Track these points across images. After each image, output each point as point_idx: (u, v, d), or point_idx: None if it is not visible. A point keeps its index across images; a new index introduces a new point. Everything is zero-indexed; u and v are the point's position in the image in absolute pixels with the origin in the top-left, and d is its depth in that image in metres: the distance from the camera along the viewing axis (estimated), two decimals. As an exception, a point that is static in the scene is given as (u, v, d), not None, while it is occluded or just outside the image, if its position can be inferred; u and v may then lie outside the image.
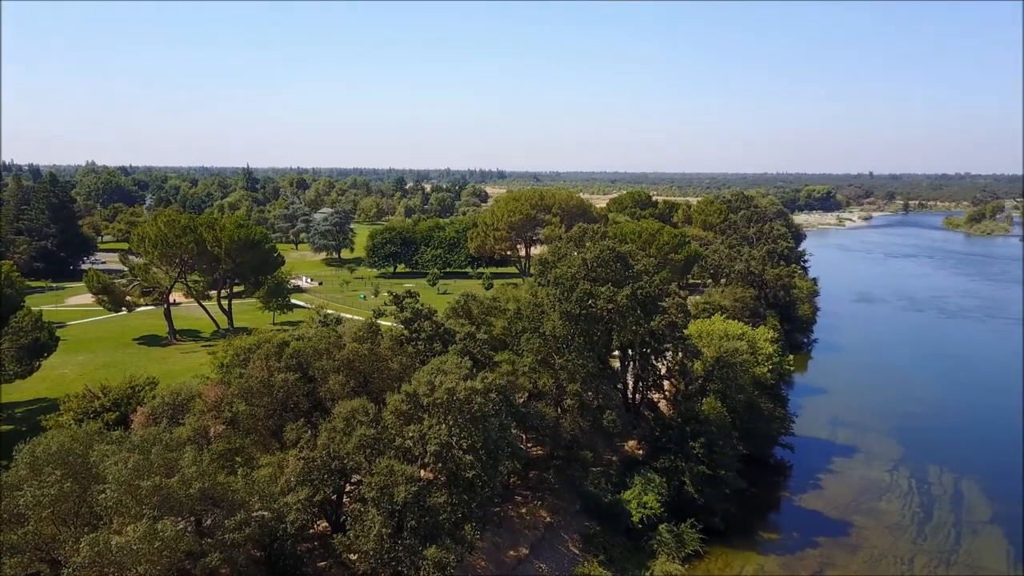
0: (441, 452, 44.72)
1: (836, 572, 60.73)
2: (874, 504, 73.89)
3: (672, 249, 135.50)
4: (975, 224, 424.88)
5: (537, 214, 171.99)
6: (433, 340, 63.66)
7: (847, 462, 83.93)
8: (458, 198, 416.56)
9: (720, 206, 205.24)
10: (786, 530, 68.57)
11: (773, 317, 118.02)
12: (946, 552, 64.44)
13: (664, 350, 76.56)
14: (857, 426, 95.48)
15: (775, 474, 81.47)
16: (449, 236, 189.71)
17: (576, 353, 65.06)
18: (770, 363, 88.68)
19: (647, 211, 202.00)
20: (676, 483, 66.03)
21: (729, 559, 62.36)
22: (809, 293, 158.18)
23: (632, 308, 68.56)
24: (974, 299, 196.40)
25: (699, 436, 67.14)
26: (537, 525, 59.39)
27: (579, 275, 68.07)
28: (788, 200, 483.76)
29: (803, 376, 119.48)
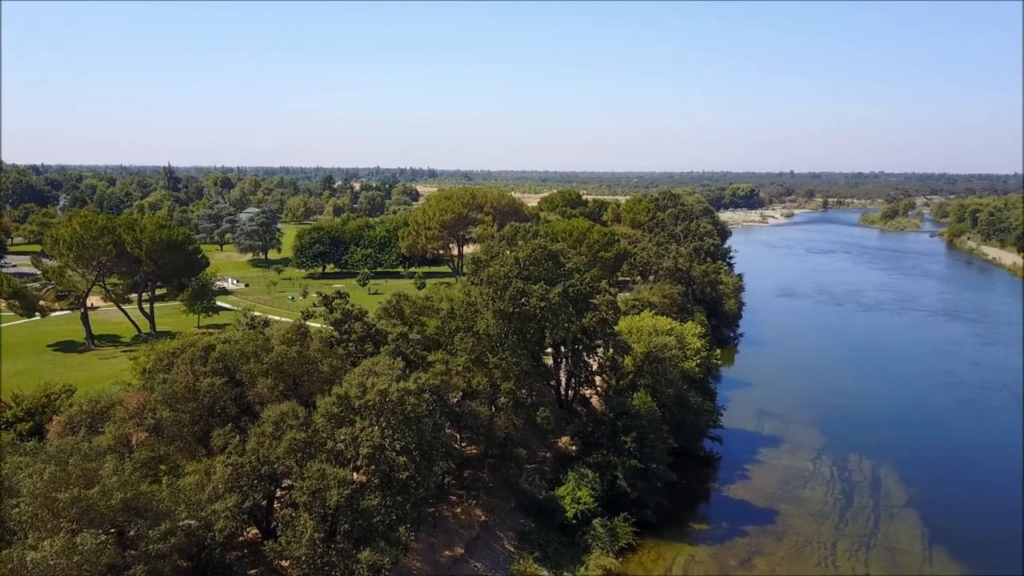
0: (374, 454, 44.19)
1: (763, 559, 62.50)
2: (799, 492, 76.34)
3: (602, 247, 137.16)
4: (889, 221, 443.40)
5: (469, 213, 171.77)
6: (364, 341, 62.90)
7: (773, 452, 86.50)
8: (389, 197, 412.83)
9: (648, 204, 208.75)
10: (716, 520, 70.24)
11: (700, 313, 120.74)
12: (866, 536, 67.06)
13: (596, 346, 77.44)
14: (782, 417, 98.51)
15: (704, 466, 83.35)
16: (380, 235, 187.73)
17: (510, 351, 65.21)
18: (698, 357, 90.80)
19: (578, 210, 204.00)
20: (609, 478, 66.90)
21: (661, 551, 63.52)
22: (735, 289, 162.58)
23: (564, 306, 69.11)
24: (889, 293, 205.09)
25: (631, 431, 68.17)
26: (472, 524, 59.32)
27: (512, 274, 68.22)
28: (714, 198, 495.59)
29: (730, 369, 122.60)
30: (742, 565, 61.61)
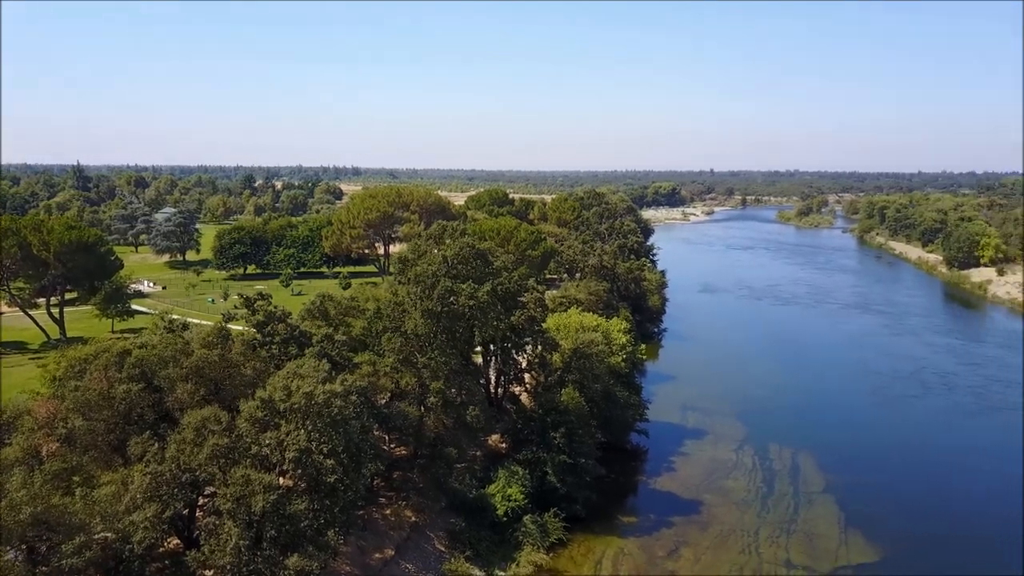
0: (301, 458, 43.31)
1: (690, 549, 63.95)
2: (722, 482, 78.41)
3: (529, 246, 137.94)
4: (804, 217, 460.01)
5: (395, 211, 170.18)
6: (288, 343, 61.62)
7: (697, 444, 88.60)
8: (311, 196, 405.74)
9: (573, 203, 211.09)
10: (644, 513, 71.51)
11: (625, 309, 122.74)
12: (786, 522, 69.39)
13: (524, 344, 77.82)
14: (705, 409, 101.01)
15: (632, 459, 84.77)
16: (303, 235, 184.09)
17: (438, 351, 64.87)
18: (624, 353, 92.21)
19: (504, 208, 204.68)
20: (539, 474, 67.33)
21: (591, 545, 64.28)
22: (658, 285, 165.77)
23: (493, 304, 69.20)
24: (805, 287, 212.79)
25: (560, 426, 68.75)
26: (403, 525, 58.85)
27: (440, 272, 67.87)
28: (637, 197, 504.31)
29: (655, 364, 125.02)
30: (669, 556, 62.91)
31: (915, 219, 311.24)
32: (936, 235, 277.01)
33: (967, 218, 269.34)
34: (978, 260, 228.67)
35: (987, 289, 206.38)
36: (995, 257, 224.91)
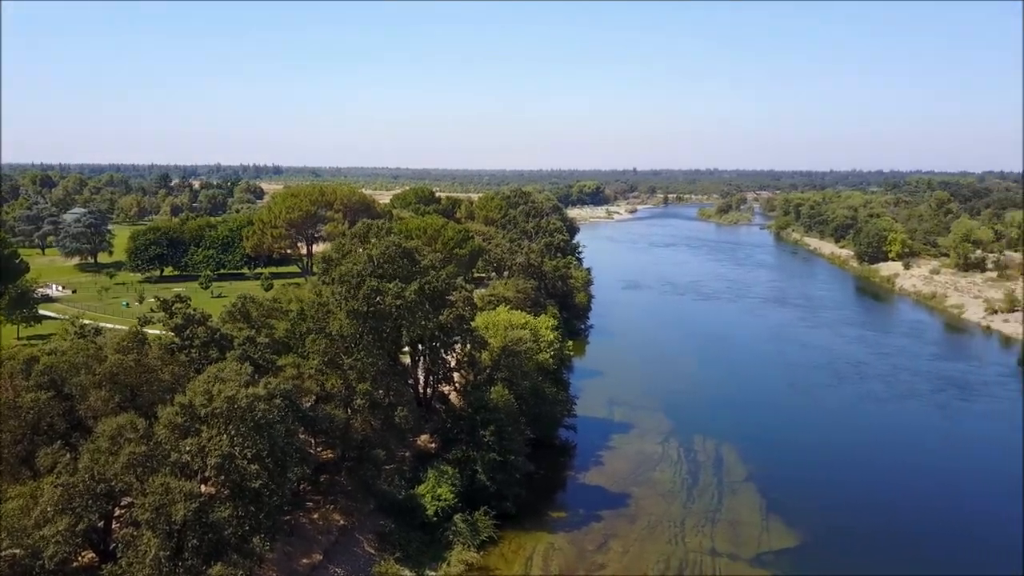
0: (223, 464, 42.13)
1: (619, 541, 64.93)
2: (649, 474, 79.88)
3: (457, 244, 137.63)
4: (724, 215, 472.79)
5: (318, 210, 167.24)
6: (209, 347, 59.88)
7: (624, 437, 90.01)
8: (231, 195, 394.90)
9: (500, 202, 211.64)
10: (573, 507, 72.24)
11: (553, 306, 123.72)
12: (711, 511, 71.17)
13: (453, 343, 77.58)
14: (631, 403, 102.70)
15: (561, 455, 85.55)
16: (222, 235, 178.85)
17: (365, 352, 64.02)
18: (552, 349, 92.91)
19: (431, 207, 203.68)
20: (469, 472, 67.20)
21: (522, 541, 64.56)
22: (584, 282, 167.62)
23: (420, 303, 68.71)
24: (725, 282, 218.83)
25: (489, 424, 68.75)
26: (331, 530, 57.89)
27: (365, 272, 66.99)
28: (562, 195, 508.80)
29: (582, 360, 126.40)
30: (599, 549, 63.72)
31: (828, 216, 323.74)
32: (847, 231, 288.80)
33: (875, 215, 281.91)
34: (886, 255, 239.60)
35: (894, 282, 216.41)
36: (901, 252, 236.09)
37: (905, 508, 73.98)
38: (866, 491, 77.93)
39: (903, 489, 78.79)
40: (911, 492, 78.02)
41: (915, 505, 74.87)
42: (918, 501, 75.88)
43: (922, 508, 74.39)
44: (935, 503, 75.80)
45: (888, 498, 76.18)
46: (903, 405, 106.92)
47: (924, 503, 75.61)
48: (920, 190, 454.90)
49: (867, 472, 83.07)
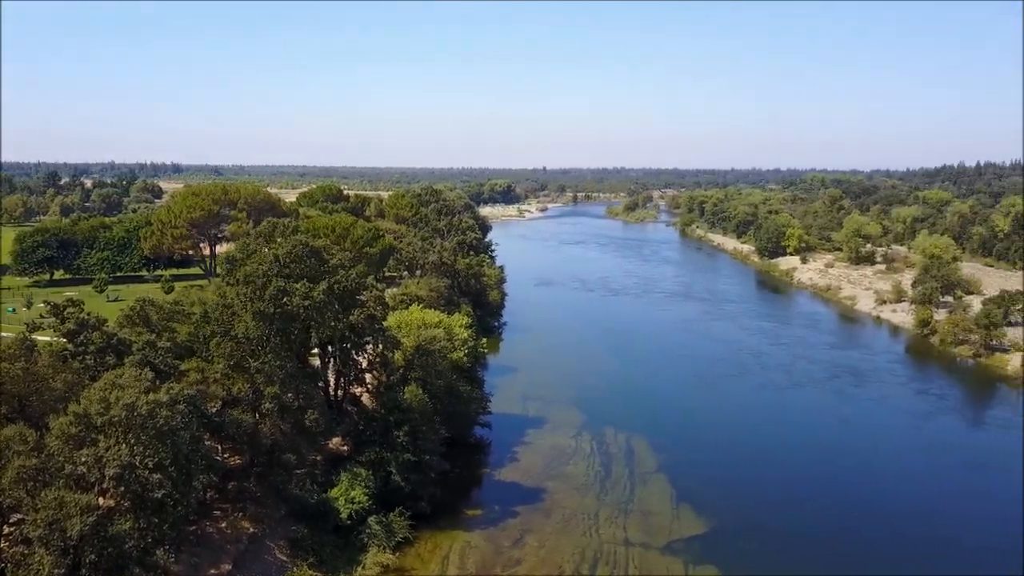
0: (123, 474, 40.25)
1: (534, 536, 65.45)
2: (563, 468, 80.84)
3: (367, 243, 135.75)
4: (631, 213, 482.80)
5: (221, 210, 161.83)
6: (105, 353, 57.15)
7: (538, 433, 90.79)
8: (127, 194, 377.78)
9: (411, 200, 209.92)
10: (489, 504, 72.38)
11: (466, 304, 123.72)
12: (624, 502, 72.61)
13: (365, 343, 76.43)
14: (545, 399, 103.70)
15: (476, 452, 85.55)
16: (118, 236, 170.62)
17: (273, 354, 62.35)
18: (466, 347, 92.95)
19: (339, 205, 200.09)
20: (383, 474, 66.40)
21: (438, 541, 64.26)
22: (497, 280, 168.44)
23: (330, 303, 67.42)
24: (633, 278, 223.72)
25: (403, 425, 68.11)
26: (240, 538, 56.11)
27: (271, 272, 65.25)
28: (473, 193, 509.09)
29: (496, 357, 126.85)
30: (515, 545, 64.06)
31: (730, 213, 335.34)
32: (748, 227, 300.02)
33: (774, 211, 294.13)
34: (785, 249, 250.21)
35: (793, 276, 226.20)
36: (798, 247, 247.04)
37: (805, 488, 77.80)
38: (769, 475, 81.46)
39: (802, 471, 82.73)
40: (810, 474, 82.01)
41: (814, 485, 78.77)
42: (816, 481, 79.81)
43: (820, 487, 78.17)
44: (831, 482, 79.72)
45: (789, 480, 79.95)
46: (802, 392, 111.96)
47: (822, 483, 79.48)
48: (815, 188, 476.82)
49: (769, 457, 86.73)
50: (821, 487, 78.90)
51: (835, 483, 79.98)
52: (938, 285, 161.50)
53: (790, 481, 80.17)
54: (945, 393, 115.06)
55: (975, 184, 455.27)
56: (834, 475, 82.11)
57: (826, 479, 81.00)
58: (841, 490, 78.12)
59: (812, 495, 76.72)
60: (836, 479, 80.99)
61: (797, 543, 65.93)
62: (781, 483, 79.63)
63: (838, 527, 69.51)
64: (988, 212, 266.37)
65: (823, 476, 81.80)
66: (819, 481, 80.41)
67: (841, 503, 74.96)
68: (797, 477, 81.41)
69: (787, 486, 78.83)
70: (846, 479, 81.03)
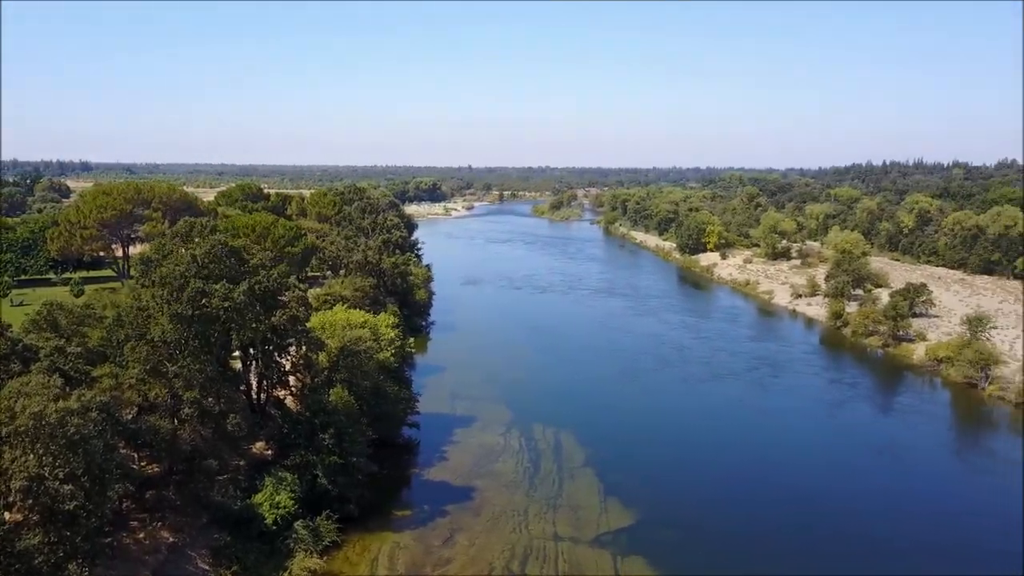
0: (31, 487, 38.37)
1: (464, 535, 65.36)
2: (492, 466, 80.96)
3: (288, 242, 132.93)
4: (556, 211, 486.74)
5: (135, 209, 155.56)
6: (9, 360, 54.34)
7: (467, 431, 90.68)
8: (31, 193, 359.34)
9: (334, 198, 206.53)
10: (418, 505, 71.93)
11: (393, 304, 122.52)
12: (552, 497, 73.23)
13: (288, 345, 74.86)
14: (473, 397, 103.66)
15: (405, 453, 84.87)
16: (22, 237, 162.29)
17: (192, 358, 60.39)
18: (392, 348, 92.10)
19: (259, 204, 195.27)
20: (309, 477, 65.19)
21: (367, 543, 63.51)
22: (424, 279, 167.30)
23: (251, 304, 65.77)
24: (559, 276, 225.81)
25: (328, 427, 67.01)
26: (159, 548, 54.19)
27: (189, 273, 63.18)
28: (398, 192, 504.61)
29: (424, 357, 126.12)
30: (445, 544, 63.84)
31: (652, 211, 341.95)
32: (670, 225, 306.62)
33: (695, 209, 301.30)
34: (705, 246, 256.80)
35: (713, 271, 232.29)
36: (718, 243, 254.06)
37: (726, 478, 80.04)
38: (692, 466, 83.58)
39: (724, 461, 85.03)
40: (731, 464, 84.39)
41: (735, 474, 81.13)
42: (737, 471, 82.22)
43: (741, 476, 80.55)
44: (751, 471, 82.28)
45: (711, 471, 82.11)
46: (722, 384, 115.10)
47: (742, 472, 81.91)
48: (733, 186, 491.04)
49: (692, 448, 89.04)
50: (742, 476, 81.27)
51: (755, 471, 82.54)
52: (849, 279, 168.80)
53: (712, 471, 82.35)
54: (857, 382, 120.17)
55: (882, 182, 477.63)
56: (753, 464, 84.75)
57: (746, 468, 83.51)
58: (761, 478, 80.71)
59: (733, 484, 79.03)
60: (755, 467, 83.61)
61: (719, 531, 67.75)
62: (704, 473, 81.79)
63: (759, 514, 71.82)
64: (894, 209, 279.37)
65: (743, 465, 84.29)
66: (740, 470, 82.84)
67: (761, 490, 77.51)
68: (719, 467, 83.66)
69: (710, 476, 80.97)
70: (765, 467, 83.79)
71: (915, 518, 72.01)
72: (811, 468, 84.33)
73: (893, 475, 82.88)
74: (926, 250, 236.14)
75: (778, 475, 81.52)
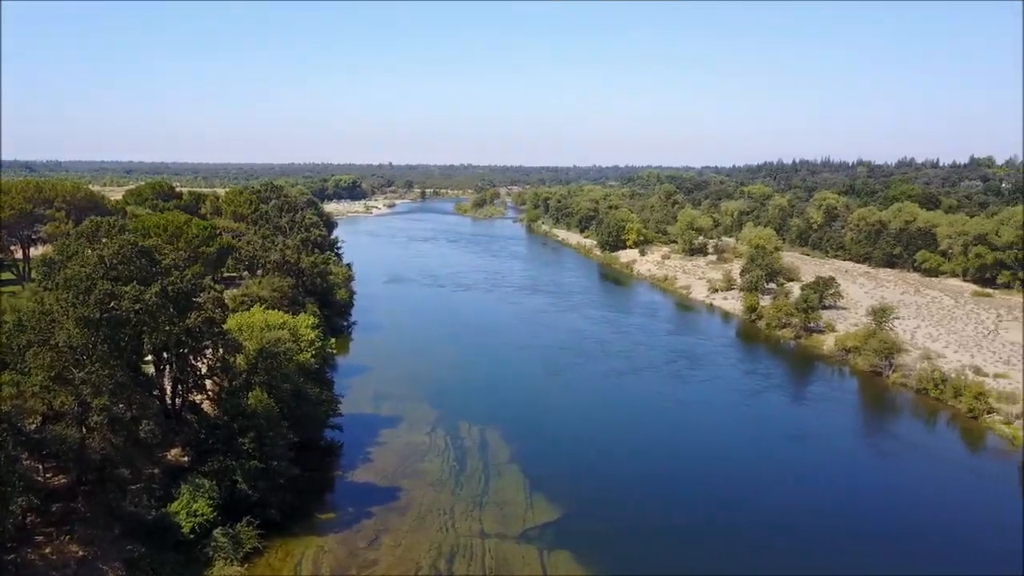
0: (-77, 504, 35.96)
1: (390, 535, 64.73)
2: (418, 465, 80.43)
3: (203, 242, 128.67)
4: (479, 209, 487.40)
5: (35, 208, 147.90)
6: (-102, 368, 50.76)
7: (392, 432, 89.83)
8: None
9: (250, 196, 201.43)
10: (343, 507, 70.82)
11: (312, 304, 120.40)
12: (479, 495, 73.26)
13: (203, 348, 72.55)
14: (398, 396, 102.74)
15: (328, 455, 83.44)
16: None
17: (100, 363, 57.72)
18: (313, 348, 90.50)
19: (171, 203, 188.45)
20: (228, 483, 63.34)
21: (290, 548, 62.18)
22: (345, 278, 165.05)
23: (163, 306, 63.42)
24: (483, 273, 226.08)
25: (248, 431, 65.30)
26: (67, 563, 51.72)
27: (96, 275, 60.49)
28: (317, 190, 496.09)
29: (346, 357, 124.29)
30: (370, 546, 63.09)
31: (573, 208, 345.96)
32: (591, 222, 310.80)
33: (614, 206, 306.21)
34: (625, 243, 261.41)
35: (633, 268, 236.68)
36: (637, 240, 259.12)
37: (648, 468, 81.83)
38: (614, 458, 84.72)
39: (645, 452, 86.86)
40: (652, 455, 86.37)
41: (656, 464, 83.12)
42: (658, 460, 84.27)
43: (662, 466, 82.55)
44: (671, 460, 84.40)
45: (633, 462, 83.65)
46: (642, 377, 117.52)
47: (663, 462, 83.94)
48: (651, 183, 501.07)
49: (614, 441, 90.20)
50: (662, 466, 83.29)
51: (674, 462, 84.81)
52: (763, 273, 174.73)
53: (635, 463, 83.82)
54: (771, 372, 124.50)
55: (792, 179, 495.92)
56: (673, 454, 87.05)
57: (666, 459, 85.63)
58: (680, 468, 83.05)
59: (655, 474, 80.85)
60: (675, 458, 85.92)
61: (642, 521, 69.13)
62: (626, 465, 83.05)
63: (679, 503, 73.71)
64: (804, 206, 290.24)
65: (664, 456, 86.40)
66: (660, 461, 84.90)
67: (681, 480, 79.72)
68: (640, 458, 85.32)
69: (632, 468, 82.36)
70: (684, 457, 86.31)
71: (826, 501, 75.09)
72: (728, 457, 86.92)
73: (805, 461, 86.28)
74: (834, 245, 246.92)
75: (697, 465, 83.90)
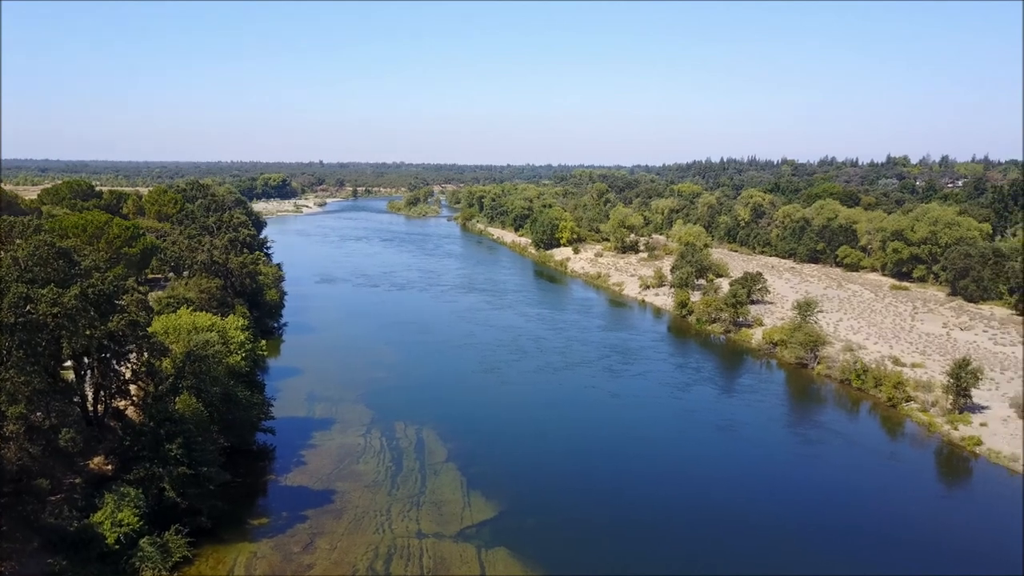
0: None
1: (325, 539, 63.81)
2: (353, 467, 79.48)
3: (125, 242, 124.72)
4: (412, 207, 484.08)
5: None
6: None
7: (326, 434, 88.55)
8: None
9: (175, 195, 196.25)
10: (276, 512, 69.44)
11: (242, 305, 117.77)
12: (415, 495, 72.84)
13: (127, 352, 70.12)
14: (331, 399, 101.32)
15: (260, 460, 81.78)
16: None
17: (15, 369, 55.31)
18: (243, 351, 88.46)
19: (91, 202, 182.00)
20: (155, 491, 61.41)
21: (221, 555, 60.69)
22: (275, 279, 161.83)
23: (84, 310, 61.09)
24: (417, 272, 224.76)
25: (175, 437, 63.39)
26: (-18, 581, 49.32)
27: (11, 277, 57.94)
28: (246, 188, 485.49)
29: (277, 360, 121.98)
30: (305, 550, 62.07)
31: (507, 207, 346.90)
32: (525, 220, 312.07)
33: (548, 205, 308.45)
34: (559, 241, 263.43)
35: (567, 265, 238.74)
36: (571, 238, 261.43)
37: (584, 463, 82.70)
38: (550, 453, 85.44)
39: (580, 447, 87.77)
40: (586, 449, 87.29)
41: (590, 458, 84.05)
42: (592, 454, 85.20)
43: (596, 459, 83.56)
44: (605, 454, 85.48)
45: (569, 457, 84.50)
46: (576, 372, 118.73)
47: (597, 456, 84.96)
48: (584, 182, 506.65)
49: (550, 436, 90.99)
50: (596, 460, 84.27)
51: (608, 455, 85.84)
52: (693, 269, 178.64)
53: (569, 457, 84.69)
54: (701, 366, 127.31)
55: (720, 178, 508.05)
56: (607, 447, 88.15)
57: (600, 452, 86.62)
58: (614, 460, 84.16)
59: (589, 468, 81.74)
60: (608, 451, 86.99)
61: (578, 515, 69.87)
62: (561, 460, 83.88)
63: (613, 496, 74.74)
64: (731, 203, 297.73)
65: (597, 450, 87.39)
66: (594, 455, 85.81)
67: (615, 472, 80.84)
68: (575, 453, 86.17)
69: (567, 462, 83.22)
70: (617, 450, 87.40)
71: (757, 491, 77.26)
72: (660, 448, 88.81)
73: (735, 453, 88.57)
74: (760, 241, 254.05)
75: (630, 459, 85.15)
